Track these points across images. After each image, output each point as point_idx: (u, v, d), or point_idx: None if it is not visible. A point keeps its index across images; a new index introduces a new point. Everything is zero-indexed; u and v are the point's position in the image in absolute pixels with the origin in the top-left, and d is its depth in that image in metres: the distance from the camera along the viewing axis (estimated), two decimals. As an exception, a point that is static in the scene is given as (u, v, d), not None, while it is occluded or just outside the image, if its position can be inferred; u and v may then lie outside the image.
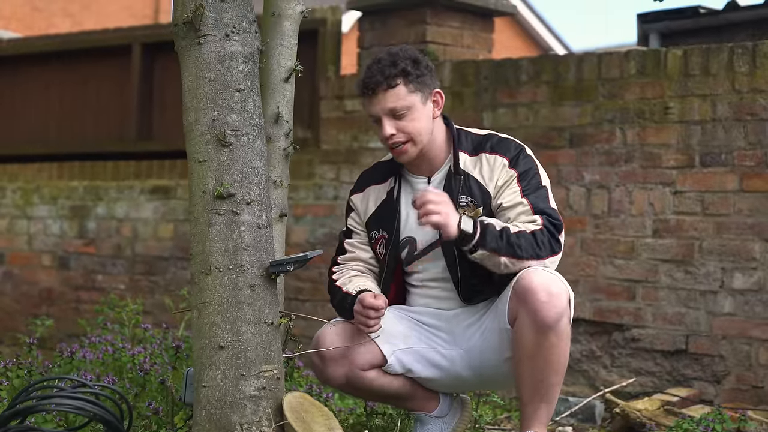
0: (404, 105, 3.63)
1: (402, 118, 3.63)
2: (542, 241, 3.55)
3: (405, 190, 3.80)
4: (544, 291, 3.49)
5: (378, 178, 3.87)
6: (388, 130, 3.63)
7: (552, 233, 3.58)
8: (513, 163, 3.66)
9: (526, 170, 3.66)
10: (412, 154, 3.68)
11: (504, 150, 3.69)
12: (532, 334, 3.51)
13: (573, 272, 5.71)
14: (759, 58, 5.27)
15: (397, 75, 3.61)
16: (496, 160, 3.68)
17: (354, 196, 3.90)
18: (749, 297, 5.26)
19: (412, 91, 3.64)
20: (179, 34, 3.42)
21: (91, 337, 4.94)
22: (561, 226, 3.61)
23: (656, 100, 5.53)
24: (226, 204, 3.37)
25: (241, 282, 3.36)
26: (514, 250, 3.51)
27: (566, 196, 5.76)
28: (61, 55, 8.22)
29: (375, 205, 3.83)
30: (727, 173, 5.35)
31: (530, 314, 3.49)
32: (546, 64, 5.91)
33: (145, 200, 7.44)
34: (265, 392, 3.37)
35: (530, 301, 3.49)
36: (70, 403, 3.17)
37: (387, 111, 3.63)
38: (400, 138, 3.64)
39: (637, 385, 5.51)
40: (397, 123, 3.63)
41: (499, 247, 3.50)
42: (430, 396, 3.88)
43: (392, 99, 3.62)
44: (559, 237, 3.60)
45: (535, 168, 3.68)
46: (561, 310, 3.50)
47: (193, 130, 3.40)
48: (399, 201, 3.79)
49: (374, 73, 3.63)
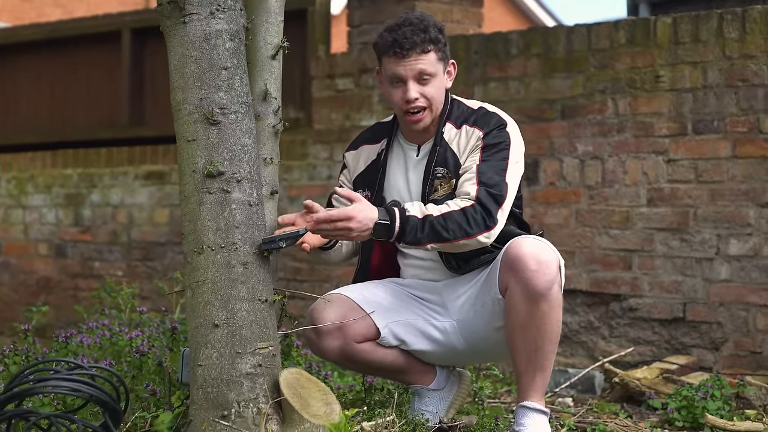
0: (432, 71, 3.66)
1: (426, 83, 3.66)
2: (473, 217, 3.50)
3: (395, 154, 3.82)
4: (534, 260, 3.48)
5: (372, 138, 3.90)
6: (413, 93, 3.64)
7: (486, 208, 3.52)
8: (486, 135, 3.66)
9: (494, 143, 3.64)
10: (427, 122, 3.70)
11: (483, 124, 3.68)
12: (523, 304, 3.51)
13: (569, 244, 5.71)
14: (749, 24, 5.26)
15: (431, 41, 3.64)
16: (474, 132, 3.68)
17: (348, 152, 3.94)
18: (745, 263, 5.26)
19: (439, 59, 3.68)
20: (164, 13, 3.41)
21: (89, 322, 4.94)
22: (501, 199, 3.55)
23: (647, 69, 5.52)
24: (217, 182, 3.36)
25: (234, 260, 3.35)
26: (440, 235, 3.48)
27: (559, 167, 5.76)
28: (50, 43, 8.20)
29: (365, 165, 3.86)
30: (719, 140, 5.34)
31: (521, 284, 3.49)
32: (536, 37, 5.89)
33: (139, 186, 7.43)
34: (261, 369, 3.37)
35: (520, 271, 3.49)
36: (67, 385, 3.17)
37: (416, 74, 3.64)
38: (421, 103, 3.66)
39: (636, 354, 5.52)
40: (420, 88, 3.65)
41: (420, 238, 3.49)
42: (426, 369, 3.89)
43: (423, 63, 3.64)
44: (495, 211, 3.53)
45: (506, 143, 3.64)
46: (551, 278, 3.50)
47: (181, 110, 3.40)
48: (386, 163, 3.81)
49: (408, 35, 3.62)
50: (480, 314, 3.70)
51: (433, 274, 3.81)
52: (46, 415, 3.19)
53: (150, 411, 3.84)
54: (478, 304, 3.70)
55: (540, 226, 5.79)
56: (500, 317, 3.62)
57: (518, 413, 3.62)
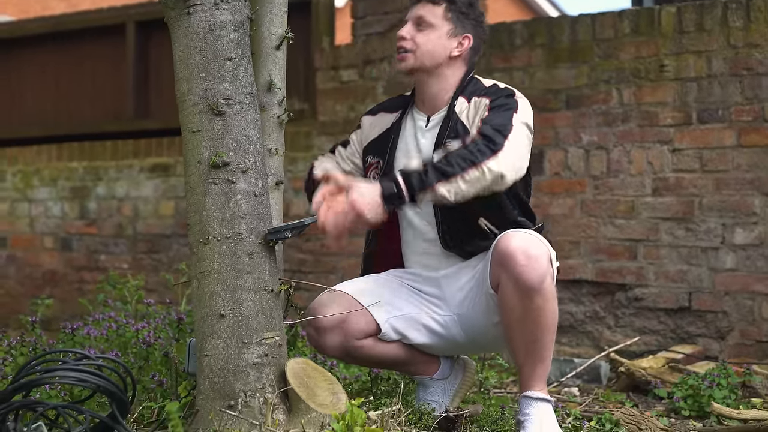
0: (430, 21, 3.73)
1: (421, 30, 3.73)
2: (476, 147, 3.42)
3: (407, 124, 3.85)
4: (523, 254, 3.44)
5: (391, 107, 3.95)
6: (404, 31, 3.74)
7: (488, 137, 3.45)
8: (493, 100, 3.65)
9: (500, 104, 3.62)
10: (408, 64, 3.73)
11: (493, 94, 3.69)
12: (517, 299, 3.48)
13: (574, 234, 5.71)
14: (753, 12, 5.25)
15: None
16: (482, 101, 3.68)
17: (365, 117, 3.99)
18: (751, 252, 5.26)
19: (447, 18, 3.74)
20: (168, 4, 3.41)
21: (95, 314, 4.95)
22: (506, 131, 3.48)
23: (651, 59, 5.52)
24: (222, 173, 3.36)
25: (240, 250, 3.36)
26: (445, 172, 3.38)
27: (564, 158, 5.76)
28: (55, 36, 8.21)
29: (379, 132, 3.89)
30: (724, 129, 5.34)
31: (512, 279, 3.46)
32: (540, 27, 5.89)
33: (144, 178, 7.44)
34: (267, 359, 3.37)
35: (510, 266, 3.46)
36: (74, 375, 3.17)
37: (415, 17, 3.75)
38: (407, 44, 3.73)
39: (642, 343, 5.52)
40: (414, 32, 3.73)
41: (427, 181, 3.38)
42: (429, 359, 3.89)
43: (428, 10, 3.74)
44: (501, 140, 3.45)
45: (513, 105, 3.61)
46: (543, 271, 3.46)
47: (186, 101, 3.40)
48: (399, 133, 3.83)
49: None
50: (477, 309, 3.69)
51: (433, 260, 3.79)
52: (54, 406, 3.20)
53: (157, 401, 3.85)
54: (474, 299, 3.69)
55: (545, 216, 5.79)
56: (496, 312, 3.61)
57: (522, 403, 3.62)
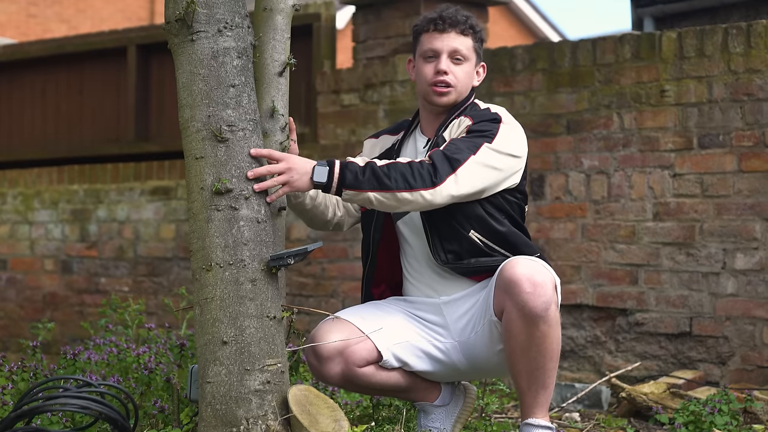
0: (466, 54, 3.75)
1: (458, 64, 3.74)
2: (419, 171, 3.46)
3: (409, 145, 3.87)
4: (528, 281, 3.46)
5: (394, 130, 3.98)
6: (445, 65, 3.71)
7: (435, 166, 3.48)
8: (475, 123, 3.66)
9: (478, 129, 3.63)
10: (450, 100, 3.74)
11: (478, 116, 3.70)
12: (521, 326, 3.48)
13: (575, 258, 5.72)
14: (753, 38, 5.27)
15: (471, 27, 3.76)
16: (465, 121, 3.70)
17: (368, 140, 4.02)
18: (752, 277, 5.26)
19: (474, 48, 3.78)
20: (172, 31, 3.43)
21: (96, 338, 4.94)
22: (456, 164, 3.50)
23: (652, 84, 5.53)
24: (225, 199, 3.37)
25: (242, 277, 3.36)
26: (381, 181, 3.44)
27: (565, 182, 5.76)
28: (56, 59, 8.22)
29: (380, 151, 3.92)
30: (725, 154, 5.35)
31: (517, 307, 3.47)
32: (541, 52, 5.91)
33: (145, 201, 7.44)
34: (269, 386, 3.37)
35: (515, 294, 3.46)
36: (76, 402, 3.17)
37: (451, 50, 3.74)
38: (450, 80, 3.72)
39: (643, 369, 5.52)
40: (453, 66, 3.73)
41: (360, 182, 3.45)
42: (430, 386, 3.88)
43: (461, 42, 3.74)
44: (446, 173, 3.48)
45: (491, 132, 3.62)
46: (548, 298, 3.47)
47: (189, 127, 3.41)
48: (398, 151, 3.84)
49: (452, 15, 3.75)
50: (479, 336, 3.69)
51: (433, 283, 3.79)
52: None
53: (159, 428, 3.85)
54: (477, 325, 3.69)
55: (546, 241, 5.80)
56: (500, 340, 3.61)
57: (523, 430, 3.62)
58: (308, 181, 3.46)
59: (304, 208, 3.82)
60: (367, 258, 3.91)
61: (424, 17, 3.81)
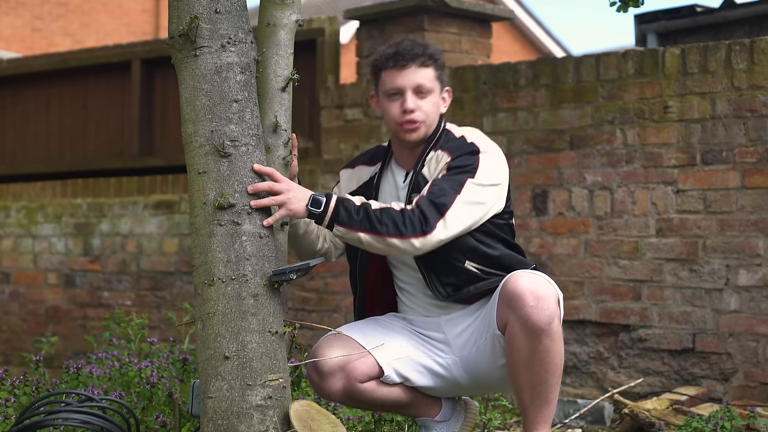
0: (430, 87, 3.70)
1: (423, 98, 3.69)
2: (410, 219, 3.47)
3: (387, 178, 3.84)
4: (532, 295, 3.45)
5: (370, 160, 3.93)
6: (411, 104, 3.67)
7: (424, 213, 3.49)
8: (454, 159, 3.63)
9: (458, 165, 3.61)
10: (420, 135, 3.71)
11: (455, 149, 3.66)
12: (524, 340, 3.48)
13: (578, 274, 5.71)
14: (757, 55, 5.27)
15: (430, 57, 3.70)
16: (443, 156, 3.67)
17: (343, 171, 3.99)
18: (755, 293, 5.25)
19: (436, 78, 3.73)
20: (175, 46, 3.43)
21: (98, 353, 4.94)
22: (443, 209, 3.49)
23: (655, 100, 5.54)
24: (227, 214, 3.37)
25: (245, 292, 3.36)
26: (373, 226, 3.46)
27: (569, 198, 5.76)
28: (60, 73, 8.24)
29: (357, 184, 3.89)
30: (728, 170, 5.35)
31: (520, 320, 3.46)
32: (544, 68, 5.91)
33: (149, 215, 7.45)
34: (271, 401, 3.37)
35: (518, 307, 3.46)
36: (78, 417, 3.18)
37: (415, 86, 3.68)
38: (418, 116, 3.68)
39: (646, 385, 5.51)
40: (417, 101, 3.69)
41: (353, 221, 3.47)
42: (431, 401, 3.87)
43: (423, 76, 3.68)
44: (434, 219, 3.48)
45: (472, 167, 3.60)
46: (551, 312, 3.46)
47: (192, 142, 3.41)
48: (378, 187, 3.82)
49: (409, 48, 3.69)
50: (482, 351, 3.68)
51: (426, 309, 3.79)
52: (57, 447, 3.20)
53: (160, 442, 3.85)
54: (479, 340, 3.68)
55: (549, 257, 5.80)
56: (502, 355, 3.60)
57: (526, 445, 3.61)
58: (304, 207, 3.49)
59: (296, 233, 3.80)
60: (356, 289, 3.92)
61: (382, 53, 3.75)
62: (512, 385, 3.62)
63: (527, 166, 5.91)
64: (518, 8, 20.10)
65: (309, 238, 3.83)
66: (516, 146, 5.94)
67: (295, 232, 3.79)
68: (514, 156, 5.91)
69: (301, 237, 3.82)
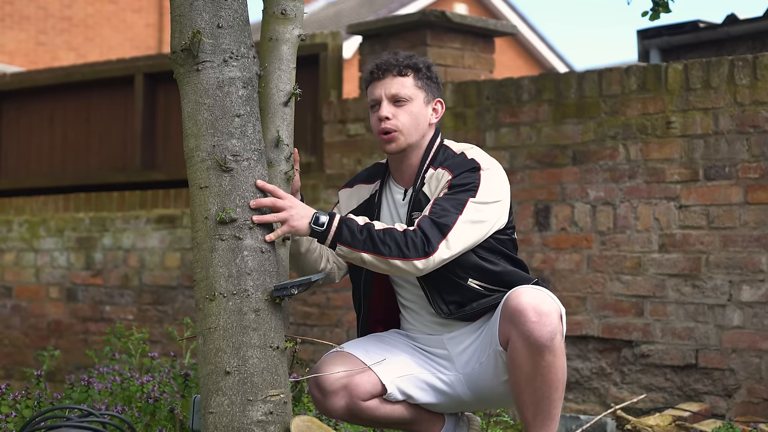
0: (407, 94, 3.67)
1: (401, 106, 3.67)
2: (412, 240, 3.47)
3: (386, 196, 3.82)
4: (534, 311, 3.44)
5: (368, 178, 3.91)
6: (384, 111, 3.66)
7: (426, 234, 3.48)
8: (455, 177, 3.62)
9: (460, 183, 3.60)
10: (400, 145, 3.68)
11: (455, 167, 3.65)
12: (527, 356, 3.47)
13: (580, 289, 5.70)
14: (760, 70, 5.27)
15: (409, 67, 3.69)
16: (444, 174, 3.66)
17: (342, 190, 3.95)
18: (758, 309, 5.24)
19: (418, 86, 3.70)
20: (177, 61, 3.43)
21: (99, 367, 4.94)
22: (446, 229, 3.48)
23: (658, 115, 5.53)
24: (229, 229, 3.37)
25: (246, 307, 3.36)
26: (376, 246, 3.46)
27: (571, 213, 5.76)
28: (64, 87, 8.25)
29: (357, 203, 3.87)
30: (731, 186, 5.34)
31: (522, 336, 3.45)
32: (547, 83, 5.92)
33: (151, 230, 7.45)
34: (272, 417, 3.36)
35: (521, 323, 3.45)
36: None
37: (390, 95, 3.67)
38: (391, 125, 3.66)
39: (648, 401, 5.49)
40: (395, 110, 3.67)
41: (356, 241, 3.47)
42: (434, 417, 3.86)
43: (398, 85, 3.67)
44: (437, 240, 3.47)
45: (473, 185, 3.58)
46: (553, 328, 3.45)
47: (194, 157, 3.41)
48: (379, 205, 3.81)
49: (388, 59, 3.70)
50: (484, 367, 3.67)
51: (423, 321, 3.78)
52: (57, 463, 3.19)
53: (161, 458, 3.84)
54: (482, 357, 3.67)
55: (551, 272, 5.79)
56: (505, 371, 3.59)
57: (530, 461, 3.60)
58: (307, 225, 3.48)
59: (298, 251, 3.79)
60: (360, 308, 3.91)
61: (365, 69, 3.79)
62: (515, 401, 3.61)
63: (530, 182, 5.91)
64: (521, 23, 20.12)
65: (311, 256, 3.82)
66: (519, 161, 5.94)
67: (297, 249, 3.78)
68: (516, 171, 5.91)
69: (303, 255, 3.80)
